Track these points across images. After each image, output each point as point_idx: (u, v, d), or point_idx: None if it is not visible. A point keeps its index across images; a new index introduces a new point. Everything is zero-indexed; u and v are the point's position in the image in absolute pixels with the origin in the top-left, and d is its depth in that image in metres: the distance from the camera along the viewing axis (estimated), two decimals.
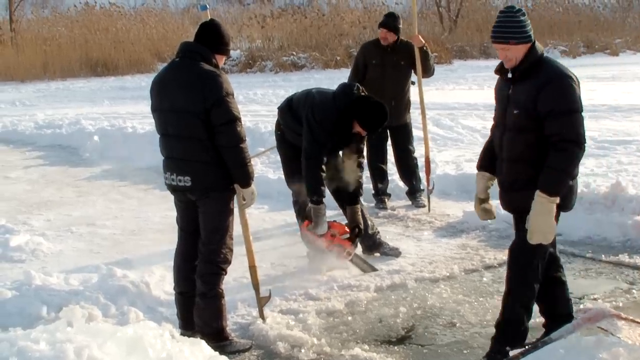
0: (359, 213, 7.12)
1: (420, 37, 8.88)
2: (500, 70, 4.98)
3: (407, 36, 9.23)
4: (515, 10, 4.84)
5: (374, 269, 7.11)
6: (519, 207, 4.93)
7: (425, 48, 8.87)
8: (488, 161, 5.20)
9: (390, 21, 9.08)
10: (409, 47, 8.95)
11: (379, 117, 6.69)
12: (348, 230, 7.04)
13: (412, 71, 9.07)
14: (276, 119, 7.41)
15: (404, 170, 9.38)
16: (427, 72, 9.03)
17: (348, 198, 7.14)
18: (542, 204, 4.72)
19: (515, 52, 4.79)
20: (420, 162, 9.34)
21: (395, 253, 7.46)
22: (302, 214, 7.25)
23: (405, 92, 8.98)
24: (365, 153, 8.83)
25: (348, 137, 6.84)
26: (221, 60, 5.51)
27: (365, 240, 7.40)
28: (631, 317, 4.52)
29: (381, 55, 9.03)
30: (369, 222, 7.42)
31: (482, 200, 5.28)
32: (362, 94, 6.83)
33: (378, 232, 7.53)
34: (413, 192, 9.33)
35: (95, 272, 6.74)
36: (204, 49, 5.38)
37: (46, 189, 11.34)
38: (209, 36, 5.44)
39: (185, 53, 5.43)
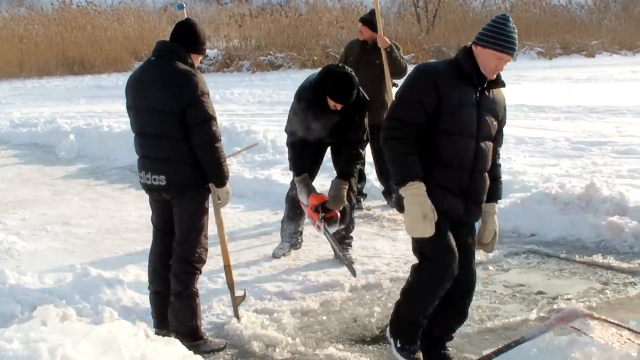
0: (341, 189, 6.79)
1: (385, 38, 8.86)
2: (469, 73, 4.61)
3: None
4: None
5: (339, 252, 7.00)
6: (477, 218, 4.90)
7: (389, 49, 8.85)
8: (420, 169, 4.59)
9: (367, 15, 9.08)
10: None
11: (343, 85, 6.58)
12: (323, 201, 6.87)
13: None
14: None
15: (381, 170, 9.34)
16: (398, 73, 8.97)
17: (340, 171, 6.95)
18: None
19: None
20: None
21: (351, 271, 7.02)
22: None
23: (378, 92, 8.83)
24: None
25: (329, 114, 6.75)
26: (197, 59, 5.50)
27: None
28: (604, 317, 4.56)
29: (359, 53, 9.02)
30: (351, 227, 7.44)
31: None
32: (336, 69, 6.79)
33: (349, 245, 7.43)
34: (389, 193, 9.31)
35: (70, 272, 6.72)
36: (179, 48, 5.37)
37: (21, 188, 11.27)
38: (185, 35, 5.42)
39: (160, 52, 5.41)
